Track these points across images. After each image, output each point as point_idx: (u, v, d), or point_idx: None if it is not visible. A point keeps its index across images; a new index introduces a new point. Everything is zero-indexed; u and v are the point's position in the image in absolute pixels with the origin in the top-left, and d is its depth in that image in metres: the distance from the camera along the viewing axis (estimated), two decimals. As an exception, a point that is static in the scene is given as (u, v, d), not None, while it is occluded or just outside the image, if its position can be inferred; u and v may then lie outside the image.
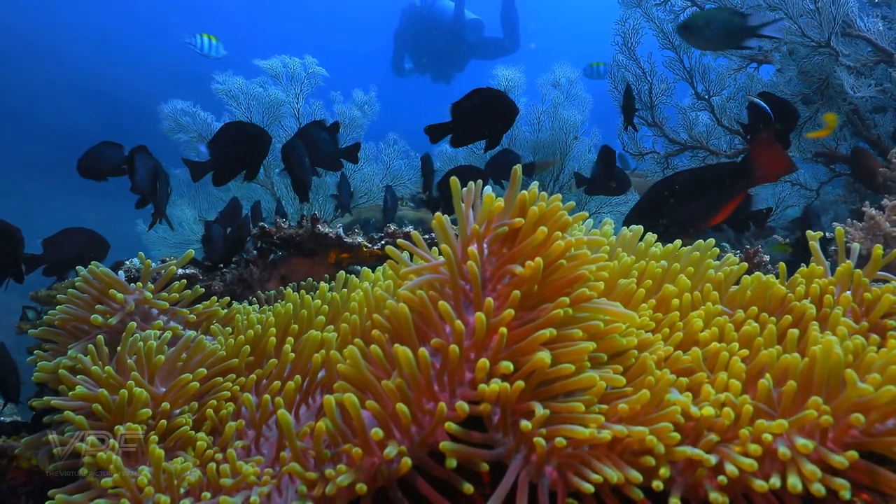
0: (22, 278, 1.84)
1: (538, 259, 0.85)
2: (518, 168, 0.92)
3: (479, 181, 0.92)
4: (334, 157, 2.27)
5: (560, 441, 0.77)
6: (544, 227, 0.87)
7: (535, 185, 0.93)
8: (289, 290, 1.35)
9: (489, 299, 0.84)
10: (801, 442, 0.74)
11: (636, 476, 0.75)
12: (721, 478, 0.75)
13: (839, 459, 0.72)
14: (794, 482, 0.72)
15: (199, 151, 3.17)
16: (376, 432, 0.79)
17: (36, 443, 1.15)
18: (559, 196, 0.92)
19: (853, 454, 0.73)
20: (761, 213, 2.06)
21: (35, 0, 13.58)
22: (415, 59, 8.78)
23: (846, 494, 0.71)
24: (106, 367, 1.06)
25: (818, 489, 0.71)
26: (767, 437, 0.76)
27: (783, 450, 0.73)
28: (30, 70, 12.52)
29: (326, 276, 1.59)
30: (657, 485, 0.75)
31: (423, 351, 0.83)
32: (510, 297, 0.84)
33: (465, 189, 0.96)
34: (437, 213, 0.92)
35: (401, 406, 0.80)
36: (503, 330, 0.82)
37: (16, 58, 12.56)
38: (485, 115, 2.05)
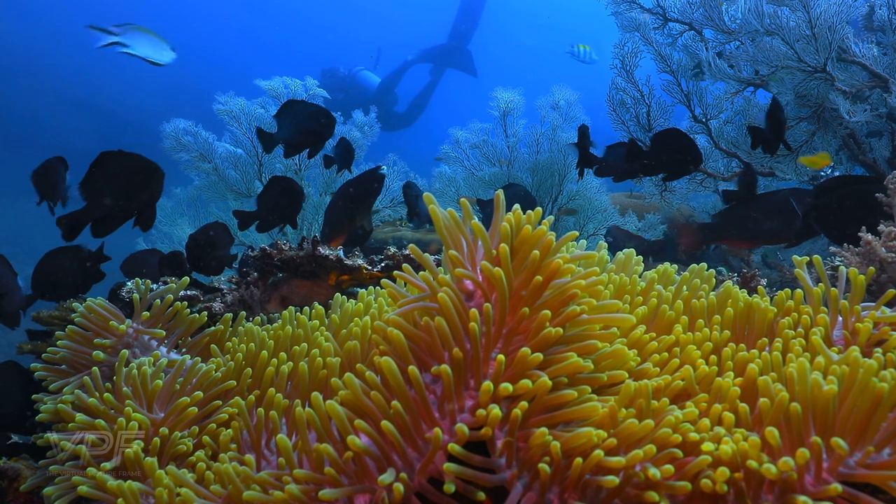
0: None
1: (503, 245, 0.87)
2: (500, 192, 0.96)
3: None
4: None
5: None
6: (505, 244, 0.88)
7: (516, 207, 0.94)
8: (285, 312, 1.36)
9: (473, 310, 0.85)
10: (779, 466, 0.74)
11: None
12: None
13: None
14: None
15: (199, 168, 3.18)
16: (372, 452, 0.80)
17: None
18: (539, 211, 0.93)
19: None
20: None
21: (35, 16, 13.68)
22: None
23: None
24: (104, 395, 1.07)
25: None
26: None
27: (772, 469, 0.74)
28: (30, 86, 12.55)
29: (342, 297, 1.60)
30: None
31: (412, 369, 0.83)
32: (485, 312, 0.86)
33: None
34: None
35: (385, 424, 0.80)
36: (501, 357, 0.83)
37: (15, 74, 12.60)
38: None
